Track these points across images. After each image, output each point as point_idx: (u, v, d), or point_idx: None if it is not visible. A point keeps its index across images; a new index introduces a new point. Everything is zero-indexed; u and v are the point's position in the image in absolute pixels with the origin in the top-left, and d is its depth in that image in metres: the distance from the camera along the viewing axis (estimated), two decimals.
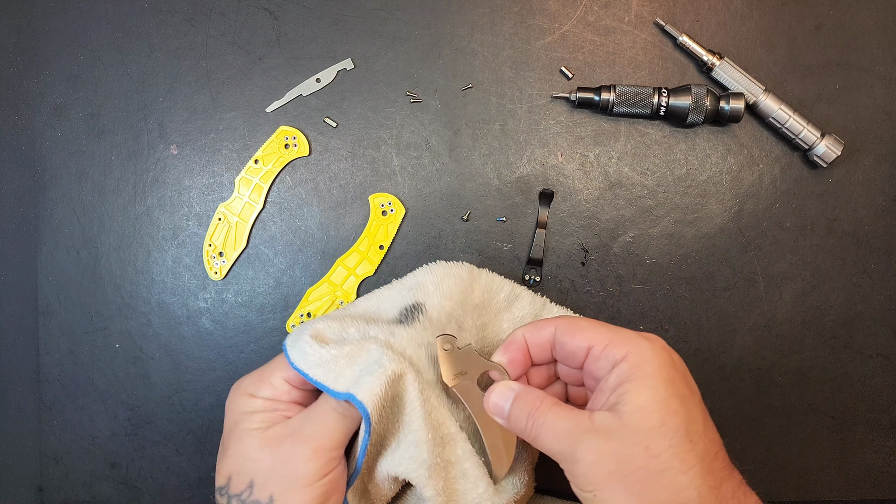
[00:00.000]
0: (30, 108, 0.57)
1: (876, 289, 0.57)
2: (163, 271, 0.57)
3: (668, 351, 0.39)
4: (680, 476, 0.35)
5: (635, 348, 0.38)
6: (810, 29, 0.56)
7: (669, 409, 0.36)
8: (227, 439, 0.44)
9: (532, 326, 0.43)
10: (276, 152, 0.56)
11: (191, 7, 0.56)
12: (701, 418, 0.37)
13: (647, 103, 0.54)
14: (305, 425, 0.42)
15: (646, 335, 0.39)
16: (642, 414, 0.36)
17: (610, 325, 0.40)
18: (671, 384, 0.37)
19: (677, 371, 0.38)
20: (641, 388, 0.37)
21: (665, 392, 0.36)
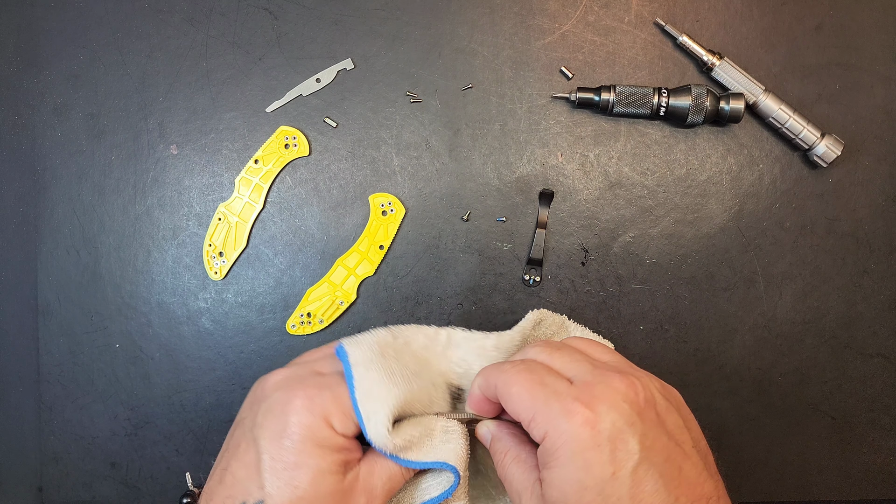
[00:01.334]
0: (30, 108, 0.57)
1: (876, 289, 0.57)
2: (163, 271, 0.57)
3: (589, 425, 0.35)
4: None
5: (552, 430, 0.35)
6: (810, 29, 0.56)
7: (580, 498, 0.34)
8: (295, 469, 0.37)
9: (482, 379, 0.41)
10: (276, 152, 0.56)
11: (191, 7, 0.56)
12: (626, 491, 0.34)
13: (647, 103, 0.54)
14: (376, 482, 0.40)
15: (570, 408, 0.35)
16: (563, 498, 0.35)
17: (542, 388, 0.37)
18: (586, 471, 0.34)
19: (598, 450, 0.35)
20: (554, 479, 0.35)
21: (578, 482, 0.34)
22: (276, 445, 0.37)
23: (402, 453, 0.40)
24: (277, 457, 0.37)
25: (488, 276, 0.56)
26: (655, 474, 0.34)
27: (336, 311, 0.56)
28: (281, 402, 0.38)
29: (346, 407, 0.39)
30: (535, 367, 0.39)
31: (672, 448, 0.35)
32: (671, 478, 0.35)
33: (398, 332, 0.44)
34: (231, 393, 0.57)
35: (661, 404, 0.37)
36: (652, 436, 0.35)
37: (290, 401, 0.38)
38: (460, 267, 0.56)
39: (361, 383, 0.39)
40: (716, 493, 0.36)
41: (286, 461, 0.37)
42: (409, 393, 0.41)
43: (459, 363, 0.45)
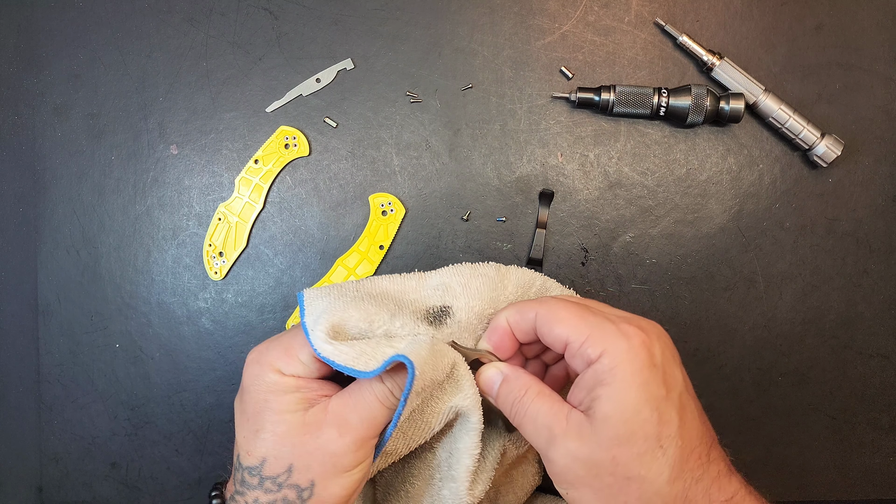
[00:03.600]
0: (30, 108, 0.57)
1: (876, 289, 0.57)
2: (163, 271, 0.57)
3: (646, 347, 0.37)
4: (647, 485, 0.36)
5: (611, 348, 0.37)
6: (810, 29, 0.56)
7: (640, 416, 0.36)
8: (257, 417, 0.41)
9: (515, 311, 0.43)
10: (276, 152, 0.56)
11: (191, 7, 0.56)
12: (676, 420, 0.37)
13: (647, 103, 0.54)
14: (349, 414, 0.40)
15: (627, 328, 0.38)
16: (612, 423, 0.36)
17: (591, 313, 0.39)
18: (645, 388, 0.36)
19: (654, 370, 0.37)
20: (613, 394, 0.36)
21: (636, 398, 0.36)
22: (239, 402, 0.43)
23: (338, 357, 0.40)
24: (241, 411, 0.42)
25: None
26: (692, 402, 0.38)
27: None
28: (247, 366, 0.42)
29: (295, 350, 0.42)
30: (577, 300, 0.42)
31: (688, 386, 0.39)
32: (700, 409, 0.39)
33: (363, 280, 0.46)
34: (231, 393, 0.57)
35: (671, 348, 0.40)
36: (683, 372, 0.39)
37: (249, 363, 0.42)
38: None
39: (310, 309, 0.43)
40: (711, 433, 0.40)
41: (247, 413, 0.41)
42: (359, 309, 0.42)
43: (437, 287, 0.46)
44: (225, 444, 0.57)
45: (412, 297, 0.46)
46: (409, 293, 0.46)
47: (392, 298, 0.45)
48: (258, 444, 0.41)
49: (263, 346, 0.43)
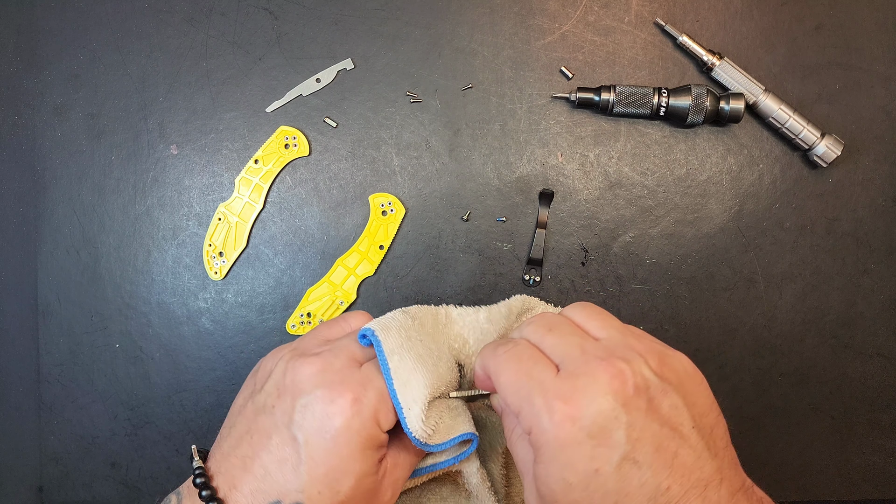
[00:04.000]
0: (30, 108, 0.57)
1: (876, 289, 0.57)
2: (163, 271, 0.57)
3: (570, 421, 0.33)
4: None
5: (535, 427, 0.35)
6: (810, 29, 0.56)
7: (568, 497, 0.34)
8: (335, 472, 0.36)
9: (480, 360, 0.40)
10: (276, 152, 0.56)
11: (191, 7, 0.56)
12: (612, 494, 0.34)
13: (647, 103, 0.54)
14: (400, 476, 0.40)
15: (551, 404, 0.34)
16: (543, 497, 0.35)
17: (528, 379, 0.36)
18: (570, 468, 0.34)
19: (579, 447, 0.34)
20: (540, 474, 0.35)
21: (561, 482, 0.34)
22: (321, 449, 0.36)
23: (430, 440, 0.39)
24: (321, 461, 0.35)
25: (488, 276, 0.56)
26: (643, 466, 0.33)
27: (336, 311, 0.56)
28: (324, 401, 0.36)
29: (389, 402, 0.37)
30: (525, 353, 0.37)
31: (665, 435, 0.34)
32: (662, 467, 0.33)
33: (410, 312, 0.44)
34: (231, 393, 0.57)
35: (654, 388, 0.35)
36: (640, 426, 0.34)
37: (334, 401, 0.36)
38: (460, 267, 0.56)
39: (398, 374, 0.38)
40: (718, 474, 0.35)
41: (330, 465, 0.35)
42: (436, 377, 0.40)
43: (456, 339, 0.46)
44: None
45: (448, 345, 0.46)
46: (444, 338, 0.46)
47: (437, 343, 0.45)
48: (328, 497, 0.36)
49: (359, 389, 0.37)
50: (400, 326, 0.41)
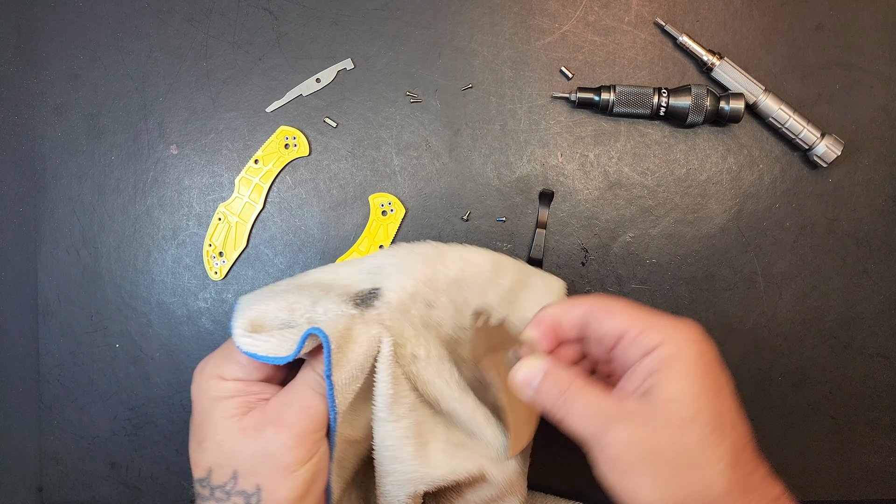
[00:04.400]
0: (30, 108, 0.57)
1: (876, 289, 0.57)
2: (163, 271, 0.57)
3: (704, 340, 0.38)
4: (709, 469, 0.35)
5: (670, 337, 0.37)
6: (810, 29, 0.56)
7: (702, 400, 0.36)
8: (200, 428, 0.41)
9: (564, 305, 0.42)
10: (276, 152, 0.56)
11: (191, 7, 0.56)
12: (733, 410, 0.37)
13: (647, 103, 0.54)
14: (285, 410, 0.40)
15: (682, 323, 0.38)
16: (675, 405, 0.36)
17: (645, 308, 0.39)
18: (705, 376, 0.37)
19: (712, 361, 0.38)
20: (675, 377, 0.36)
21: (699, 384, 0.36)
22: (191, 417, 0.43)
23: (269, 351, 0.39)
24: (191, 426, 0.43)
25: None
26: (736, 403, 0.38)
27: None
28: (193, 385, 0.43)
29: (234, 354, 0.41)
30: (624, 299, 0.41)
31: None
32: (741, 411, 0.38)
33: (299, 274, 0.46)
34: None
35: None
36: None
37: (194, 379, 0.43)
38: None
39: (238, 310, 0.43)
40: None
41: (193, 424, 0.42)
42: (280, 300, 0.42)
43: (370, 270, 0.45)
44: None
45: (343, 283, 0.45)
46: (341, 279, 0.45)
47: (322, 286, 0.44)
48: (202, 454, 0.41)
49: (207, 357, 0.43)
50: (268, 286, 0.45)
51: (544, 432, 0.57)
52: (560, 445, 0.57)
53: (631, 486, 0.36)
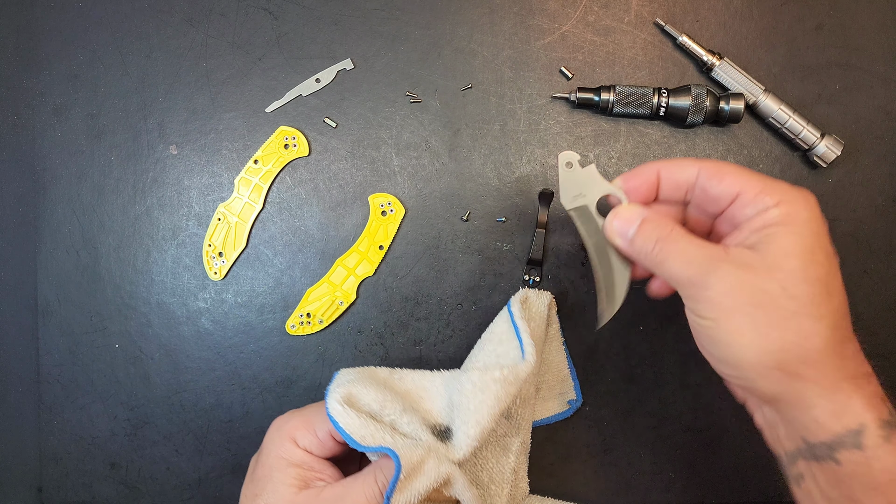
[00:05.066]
0: (30, 108, 0.57)
1: (876, 289, 0.57)
2: (162, 271, 0.57)
3: (818, 208, 0.38)
4: (810, 322, 0.35)
5: (789, 198, 0.37)
6: (810, 29, 0.56)
7: (814, 257, 0.36)
8: (261, 482, 0.43)
9: (672, 163, 0.41)
10: (275, 152, 0.56)
11: (191, 7, 0.56)
12: (839, 279, 0.37)
13: (646, 104, 0.54)
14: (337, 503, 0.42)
15: (799, 189, 0.38)
16: (787, 256, 0.36)
17: (759, 173, 0.39)
18: (819, 237, 0.37)
19: (825, 229, 0.38)
20: (790, 233, 0.37)
21: (812, 242, 0.36)
22: (254, 461, 0.45)
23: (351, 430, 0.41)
24: (251, 470, 0.45)
25: (488, 277, 0.56)
26: (840, 276, 0.37)
27: (336, 312, 0.56)
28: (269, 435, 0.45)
29: (314, 424, 0.43)
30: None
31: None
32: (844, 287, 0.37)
33: (396, 371, 0.48)
34: (231, 393, 0.57)
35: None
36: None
37: (270, 425, 0.45)
38: (460, 267, 0.56)
39: (337, 381, 0.45)
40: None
41: (255, 475, 0.44)
42: (378, 391, 0.44)
43: (447, 405, 0.46)
44: (224, 445, 0.57)
45: (427, 407, 0.47)
46: (425, 401, 0.47)
47: (412, 398, 0.47)
48: (249, 501, 0.43)
49: (289, 414, 0.45)
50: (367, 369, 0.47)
51: (544, 437, 0.57)
52: (560, 449, 0.57)
53: (729, 329, 0.36)
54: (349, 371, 0.47)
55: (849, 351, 0.37)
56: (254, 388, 0.57)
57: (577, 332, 0.56)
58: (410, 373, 0.48)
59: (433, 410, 0.46)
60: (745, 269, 0.36)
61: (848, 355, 0.37)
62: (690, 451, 0.57)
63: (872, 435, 0.35)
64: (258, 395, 0.57)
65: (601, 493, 0.57)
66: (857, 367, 0.37)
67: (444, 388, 0.47)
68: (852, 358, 0.37)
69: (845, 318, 0.37)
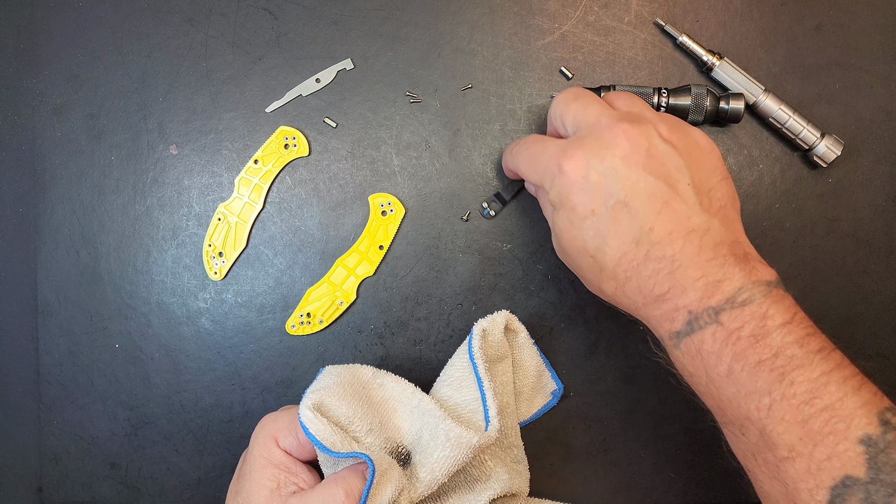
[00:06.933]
0: (30, 108, 0.57)
1: (876, 289, 0.57)
2: (162, 271, 0.57)
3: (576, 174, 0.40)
4: (590, 282, 0.45)
5: (549, 185, 0.42)
6: (810, 29, 0.56)
7: (569, 233, 0.42)
8: (244, 479, 0.44)
9: (503, 162, 0.52)
10: (275, 152, 0.56)
11: (191, 7, 0.56)
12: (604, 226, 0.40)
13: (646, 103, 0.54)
14: None
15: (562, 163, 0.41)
16: (556, 240, 0.45)
17: (542, 151, 0.44)
18: (573, 210, 0.41)
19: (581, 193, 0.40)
20: (556, 221, 0.43)
21: (566, 222, 0.42)
22: (241, 459, 0.46)
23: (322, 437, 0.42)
24: (238, 468, 0.46)
25: (488, 277, 0.56)
26: (633, 210, 0.39)
27: (336, 312, 0.56)
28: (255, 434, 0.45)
29: (297, 426, 0.43)
30: (534, 138, 0.46)
31: (658, 187, 0.39)
32: (650, 212, 0.39)
33: (380, 374, 0.48)
34: (231, 393, 0.57)
35: (656, 147, 0.40)
36: (635, 178, 0.39)
37: (258, 427, 0.45)
38: (460, 267, 0.56)
39: (317, 383, 0.46)
40: (705, 225, 0.39)
41: (240, 471, 0.45)
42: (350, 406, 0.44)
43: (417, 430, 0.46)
44: (224, 445, 0.57)
45: (396, 423, 0.47)
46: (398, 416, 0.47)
47: (384, 408, 0.47)
48: (236, 499, 0.44)
49: (276, 414, 0.45)
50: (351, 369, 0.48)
51: (544, 437, 0.57)
52: (560, 449, 0.57)
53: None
54: (332, 371, 0.47)
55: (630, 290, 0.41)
56: (254, 388, 0.57)
57: (577, 332, 0.56)
58: (392, 381, 0.48)
59: (402, 428, 0.47)
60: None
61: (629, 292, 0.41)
62: (690, 451, 0.57)
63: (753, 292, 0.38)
64: (258, 395, 0.57)
65: (601, 493, 0.57)
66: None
67: (419, 414, 0.46)
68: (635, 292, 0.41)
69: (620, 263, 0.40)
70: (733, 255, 0.39)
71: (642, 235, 0.39)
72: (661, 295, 0.39)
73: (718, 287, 0.38)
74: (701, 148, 0.42)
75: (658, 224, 0.39)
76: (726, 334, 0.37)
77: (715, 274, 0.38)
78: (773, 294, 0.38)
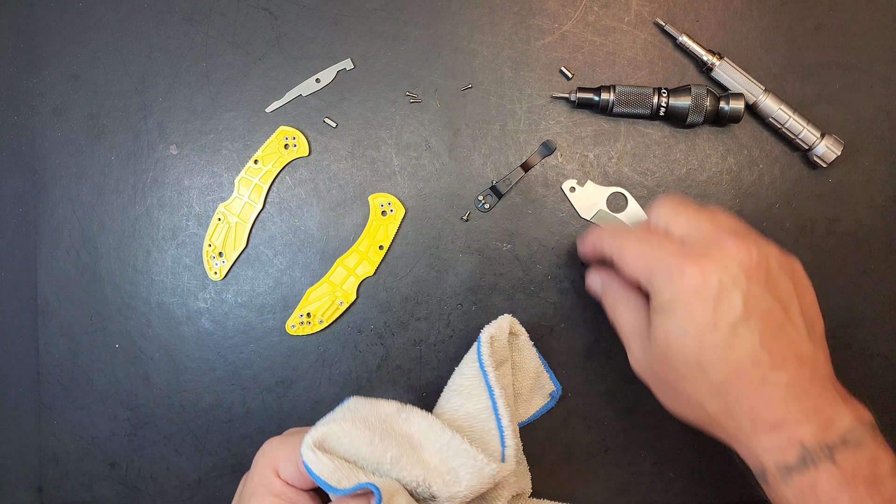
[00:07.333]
0: (30, 108, 0.57)
1: (876, 289, 0.57)
2: (162, 271, 0.57)
3: (701, 279, 0.38)
4: (692, 398, 0.40)
5: (666, 283, 0.40)
6: (810, 29, 0.56)
7: (681, 342, 0.39)
8: (243, 501, 0.43)
9: (598, 239, 0.47)
10: (275, 152, 0.56)
11: (191, 7, 0.56)
12: (721, 346, 0.38)
13: (646, 103, 0.54)
14: None
15: (683, 267, 0.39)
16: (658, 346, 0.41)
17: (655, 248, 0.41)
18: (691, 319, 0.39)
19: (703, 303, 0.38)
20: (662, 323, 0.40)
21: (679, 330, 0.39)
22: (242, 482, 0.45)
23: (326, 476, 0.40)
24: (238, 491, 0.45)
25: (488, 277, 0.56)
26: (753, 329, 0.38)
27: (336, 312, 0.56)
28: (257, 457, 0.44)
29: (297, 458, 0.42)
30: (649, 230, 0.44)
31: (776, 309, 0.39)
32: (769, 335, 0.38)
33: (406, 409, 0.46)
34: (231, 393, 0.57)
35: (773, 269, 0.40)
36: (756, 295, 0.38)
37: (261, 448, 0.44)
38: (460, 267, 0.56)
39: (330, 415, 0.44)
40: (813, 355, 0.39)
41: (240, 496, 0.44)
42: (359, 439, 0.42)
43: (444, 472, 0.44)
44: (224, 445, 0.57)
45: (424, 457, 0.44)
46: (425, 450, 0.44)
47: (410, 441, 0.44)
48: None
49: (279, 440, 0.44)
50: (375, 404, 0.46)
51: (544, 437, 0.57)
52: (560, 449, 0.57)
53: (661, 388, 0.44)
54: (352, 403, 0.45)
55: (742, 412, 0.39)
56: (254, 388, 0.57)
57: (578, 332, 0.56)
58: (419, 416, 0.45)
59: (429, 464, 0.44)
60: (640, 351, 0.43)
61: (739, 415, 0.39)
62: (690, 451, 0.57)
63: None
64: (258, 395, 0.57)
65: (601, 493, 0.57)
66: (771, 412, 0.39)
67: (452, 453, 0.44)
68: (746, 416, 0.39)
69: (734, 384, 0.39)
70: (837, 392, 0.39)
71: (761, 356, 0.38)
72: (775, 422, 0.37)
73: (831, 424, 0.37)
74: (804, 279, 0.42)
75: (775, 347, 0.38)
76: (843, 477, 0.36)
77: (826, 409, 0.37)
78: (878, 436, 0.38)
